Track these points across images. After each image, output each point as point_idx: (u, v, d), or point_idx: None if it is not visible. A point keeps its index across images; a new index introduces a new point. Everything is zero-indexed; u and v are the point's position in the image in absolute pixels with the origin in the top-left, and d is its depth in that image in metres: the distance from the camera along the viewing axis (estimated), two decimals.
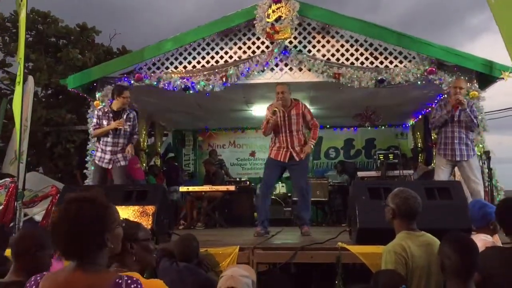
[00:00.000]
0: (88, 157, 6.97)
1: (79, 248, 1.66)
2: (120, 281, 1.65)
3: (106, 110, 5.58)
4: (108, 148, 5.49)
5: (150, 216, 4.11)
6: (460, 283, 2.25)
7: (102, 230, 1.70)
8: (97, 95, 7.08)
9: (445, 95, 6.44)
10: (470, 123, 5.43)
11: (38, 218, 6.98)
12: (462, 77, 6.16)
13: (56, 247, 1.69)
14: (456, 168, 5.64)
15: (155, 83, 6.98)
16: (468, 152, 5.47)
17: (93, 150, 6.81)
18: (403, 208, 2.89)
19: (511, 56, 4.91)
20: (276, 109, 5.25)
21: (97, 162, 5.59)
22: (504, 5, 4.86)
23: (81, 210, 1.67)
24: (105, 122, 5.51)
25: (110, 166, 5.50)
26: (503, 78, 6.39)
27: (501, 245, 3.08)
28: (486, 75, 6.57)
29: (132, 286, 1.66)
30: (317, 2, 7.00)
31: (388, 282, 2.50)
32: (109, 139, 5.50)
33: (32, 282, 1.73)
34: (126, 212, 4.15)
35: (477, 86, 6.55)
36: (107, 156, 5.48)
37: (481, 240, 3.05)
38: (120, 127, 5.44)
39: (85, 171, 7.01)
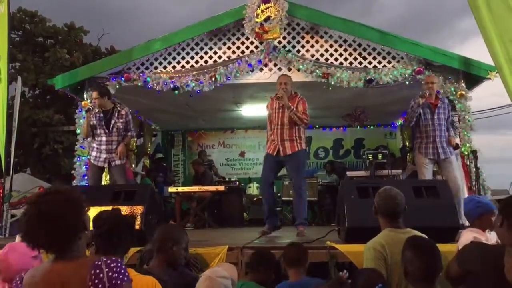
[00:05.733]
0: (76, 158, 6.91)
1: (60, 240, 1.69)
2: (99, 263, 1.68)
3: (96, 111, 5.57)
4: (103, 147, 5.47)
5: (139, 217, 4.09)
6: (426, 287, 2.27)
7: (78, 215, 1.75)
8: (85, 95, 7.03)
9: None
10: (452, 125, 5.74)
11: None
12: (434, 74, 6.26)
13: (34, 243, 1.70)
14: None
15: (143, 83, 6.95)
16: (450, 149, 5.58)
17: (79, 155, 6.79)
18: (382, 207, 2.99)
19: (492, 57, 4.98)
20: (279, 96, 5.12)
21: (92, 161, 5.55)
22: (484, 6, 4.94)
23: (55, 203, 1.70)
24: (95, 123, 5.51)
25: (106, 165, 5.47)
26: (489, 78, 6.46)
27: (493, 242, 3.09)
28: (473, 75, 6.64)
29: (112, 265, 1.68)
30: (309, 4, 7.01)
31: (366, 280, 2.52)
32: (103, 138, 5.48)
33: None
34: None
35: (464, 86, 6.62)
36: (103, 155, 5.46)
37: (473, 236, 3.09)
38: (89, 106, 5.54)
39: (72, 171, 6.95)
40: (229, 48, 7.07)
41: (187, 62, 7.09)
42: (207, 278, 2.46)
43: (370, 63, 6.88)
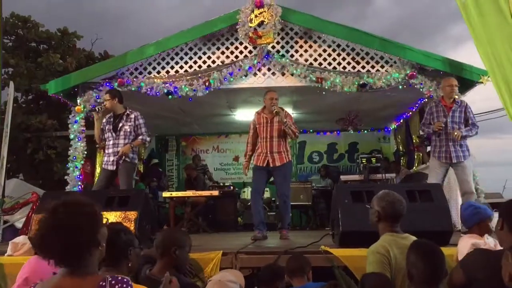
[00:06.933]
0: (69, 163, 6.89)
1: (74, 255, 1.64)
2: (104, 284, 1.64)
3: (109, 116, 5.58)
4: (111, 150, 5.44)
5: (132, 222, 4.07)
6: None
7: (93, 231, 1.69)
8: (78, 101, 7.00)
9: (431, 98, 6.49)
10: (471, 126, 5.51)
11: (19, 225, 6.88)
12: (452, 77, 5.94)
13: (48, 256, 1.64)
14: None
15: (137, 88, 6.94)
16: (464, 154, 5.46)
17: (74, 156, 6.78)
18: (389, 211, 2.94)
19: (483, 61, 5.01)
20: (277, 111, 5.45)
21: (103, 166, 5.53)
22: (474, 5, 4.98)
23: (72, 215, 1.65)
24: (106, 127, 5.51)
25: (114, 168, 5.43)
26: (482, 83, 6.49)
27: (491, 247, 3.10)
28: (466, 79, 6.67)
29: (117, 286, 1.64)
30: (303, 9, 7.04)
31: (375, 285, 2.50)
32: (110, 141, 5.46)
33: None
34: (108, 218, 4.10)
35: (457, 90, 6.63)
36: (111, 158, 5.42)
37: (471, 243, 3.10)
38: (98, 116, 5.45)
39: (66, 177, 6.92)
40: (222, 53, 7.06)
41: (181, 67, 7.08)
42: (216, 282, 2.48)
43: (363, 67, 6.91)
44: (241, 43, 6.99)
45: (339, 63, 6.92)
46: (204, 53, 7.08)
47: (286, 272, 3.27)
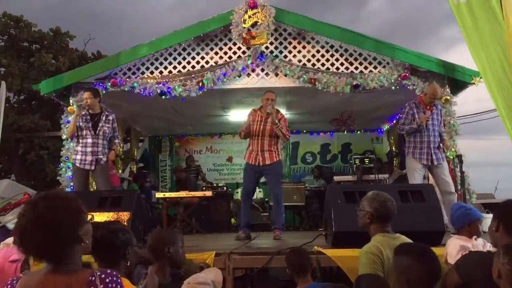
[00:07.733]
0: (62, 164, 6.85)
1: (54, 250, 1.60)
2: (93, 278, 1.60)
3: (83, 113, 5.54)
4: (89, 149, 5.42)
5: (125, 223, 4.06)
6: None
7: (75, 227, 1.64)
8: (71, 101, 6.96)
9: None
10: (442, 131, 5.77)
11: (10, 226, 6.82)
12: (435, 83, 5.99)
13: (28, 251, 1.62)
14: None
15: (130, 88, 6.92)
16: (442, 155, 5.63)
17: (66, 157, 6.72)
18: (381, 211, 2.90)
19: (476, 62, 5.05)
20: (269, 111, 5.48)
21: (78, 165, 5.47)
22: (467, 8, 5.02)
23: (53, 209, 1.60)
24: (82, 124, 5.48)
25: (93, 167, 5.41)
26: (474, 84, 6.54)
27: (480, 249, 3.11)
28: (458, 80, 6.72)
29: (107, 279, 1.61)
30: (297, 10, 7.05)
31: (371, 287, 2.49)
32: (89, 140, 5.44)
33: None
34: (100, 219, 4.10)
35: (449, 91, 6.69)
36: (89, 158, 5.41)
37: (459, 245, 3.11)
38: (81, 103, 5.53)
39: (58, 178, 6.88)
40: (216, 53, 7.06)
41: (174, 67, 7.07)
42: (185, 285, 2.48)
43: (356, 68, 6.93)
44: (234, 44, 6.99)
45: (332, 64, 6.94)
46: (198, 54, 7.07)
47: (288, 269, 3.26)
